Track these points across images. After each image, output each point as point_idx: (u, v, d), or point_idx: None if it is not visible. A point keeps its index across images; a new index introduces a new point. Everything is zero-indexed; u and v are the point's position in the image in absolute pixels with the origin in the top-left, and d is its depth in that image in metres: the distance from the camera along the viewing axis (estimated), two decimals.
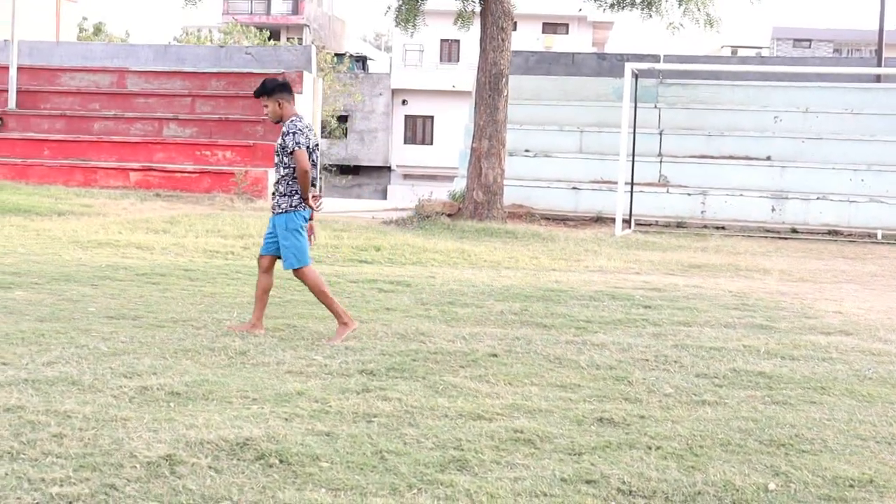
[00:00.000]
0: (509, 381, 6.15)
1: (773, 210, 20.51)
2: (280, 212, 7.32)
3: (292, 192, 7.29)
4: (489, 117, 18.55)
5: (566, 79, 24.12)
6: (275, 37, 49.76)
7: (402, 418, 5.18)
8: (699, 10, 19.53)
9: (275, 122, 7.46)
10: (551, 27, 50.11)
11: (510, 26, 18.77)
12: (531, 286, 10.56)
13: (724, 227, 20.07)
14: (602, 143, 21.98)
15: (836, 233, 19.78)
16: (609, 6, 20.55)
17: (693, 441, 4.97)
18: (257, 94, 7.41)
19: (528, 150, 22.17)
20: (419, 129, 49.46)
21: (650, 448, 4.84)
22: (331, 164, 44.58)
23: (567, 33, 50.18)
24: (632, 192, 19.61)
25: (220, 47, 27.45)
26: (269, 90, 7.35)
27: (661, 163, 21.57)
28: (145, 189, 21.34)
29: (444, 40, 48.44)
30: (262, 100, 7.40)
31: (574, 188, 21.26)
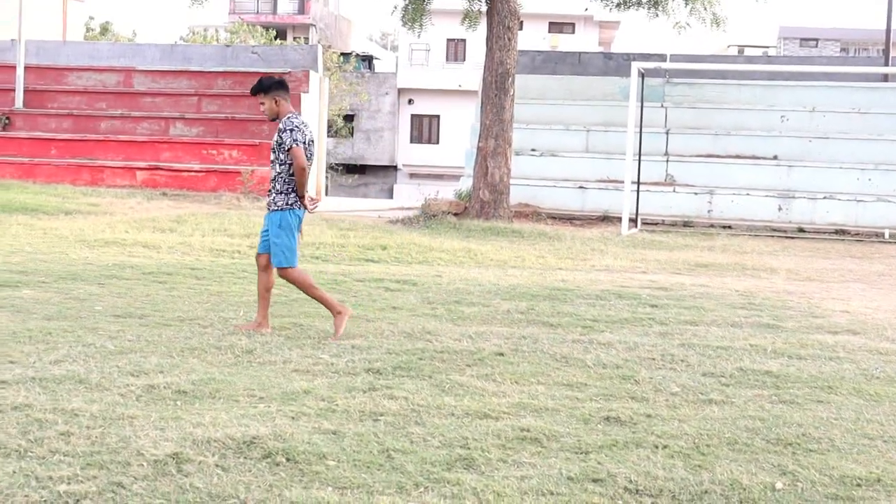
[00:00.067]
0: (516, 379, 6.15)
1: (780, 209, 20.48)
2: (275, 209, 7.33)
3: (289, 189, 7.30)
4: (495, 116, 18.54)
5: (572, 78, 24.10)
6: (281, 36, 49.76)
7: (408, 417, 5.18)
8: (706, 9, 19.50)
9: (271, 119, 7.48)
10: (557, 27, 50.04)
11: (516, 26, 18.76)
12: (537, 285, 10.56)
13: (730, 227, 20.04)
14: (608, 142, 21.96)
15: (843, 232, 19.73)
16: (615, 6, 20.51)
17: (700, 440, 4.97)
18: (254, 92, 7.43)
19: (534, 150, 22.16)
20: (425, 129, 49.44)
21: (657, 447, 4.83)
22: (337, 164, 44.59)
23: (573, 33, 50.10)
24: (638, 191, 19.60)
25: (227, 47, 27.46)
26: (265, 87, 7.37)
27: (667, 162, 21.55)
28: (152, 188, 21.38)
29: (450, 40, 48.43)
30: (259, 97, 7.42)
31: (580, 187, 21.24)
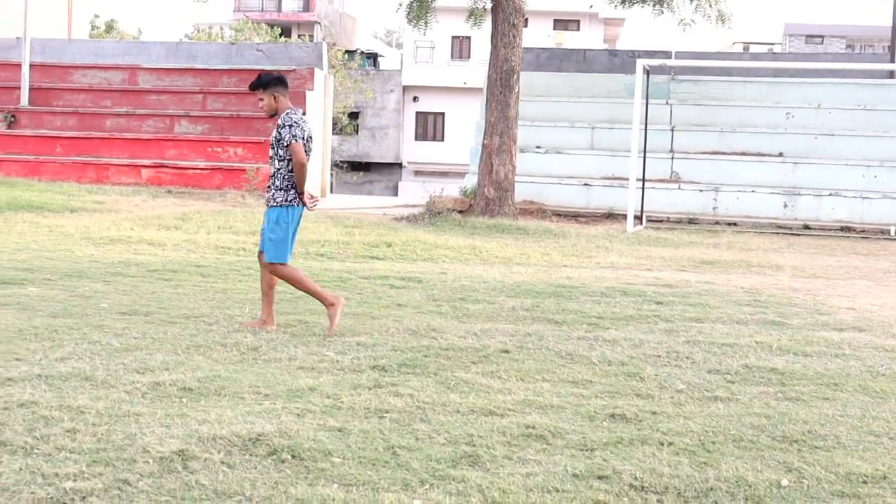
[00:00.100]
0: (521, 377, 6.15)
1: (786, 206, 20.45)
2: (274, 205, 7.34)
3: (288, 186, 7.31)
4: (500, 114, 18.53)
5: (577, 75, 24.06)
6: (286, 34, 49.73)
7: (413, 414, 5.18)
8: (711, 6, 19.49)
9: (270, 115, 7.49)
10: (562, 24, 49.97)
11: (521, 23, 18.74)
12: (542, 282, 10.55)
13: (735, 224, 20.02)
14: (613, 139, 21.94)
15: (848, 229, 19.70)
16: (620, 2, 20.49)
17: (705, 437, 4.96)
18: (252, 88, 7.44)
19: (539, 147, 22.14)
20: (430, 126, 49.41)
21: (662, 444, 4.83)
22: (342, 161, 44.60)
23: (578, 30, 50.04)
24: (643, 188, 19.58)
25: (232, 44, 27.48)
26: (264, 83, 7.38)
27: (672, 159, 21.52)
28: (157, 186, 21.40)
29: (455, 37, 48.37)
30: (258, 93, 7.43)
31: (585, 184, 21.23)
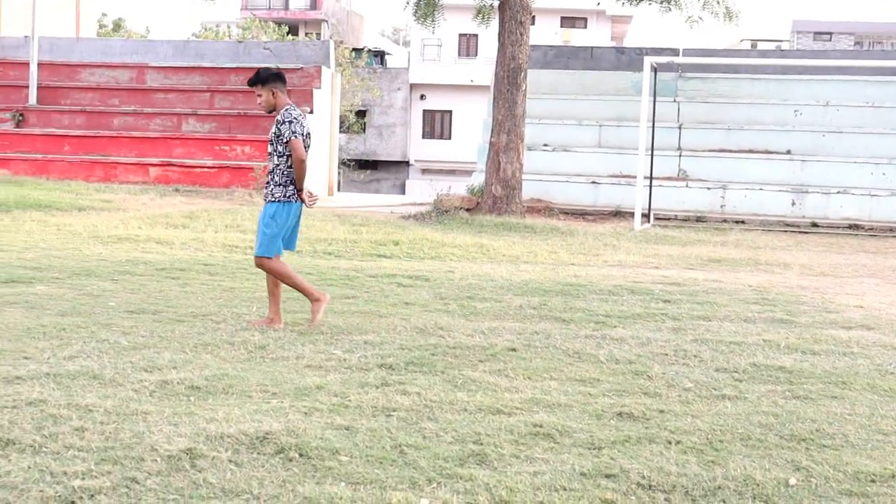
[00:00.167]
0: (528, 375, 6.15)
1: (794, 204, 20.40)
2: (272, 200, 7.36)
3: (287, 182, 7.33)
4: (507, 112, 18.51)
5: (585, 73, 24.04)
6: (293, 32, 49.77)
7: (421, 412, 5.18)
8: (718, 3, 19.45)
9: (268, 111, 7.48)
10: (570, 21, 49.92)
11: (528, 20, 18.72)
12: (550, 280, 10.54)
13: (743, 222, 19.97)
14: (621, 137, 21.91)
15: (856, 227, 19.64)
16: (628, 0, 20.45)
17: (713, 436, 4.95)
18: (251, 83, 7.43)
19: (546, 145, 22.13)
20: (437, 124, 49.41)
21: (670, 442, 4.82)
22: (349, 159, 44.64)
23: (585, 27, 49.99)
24: (651, 186, 19.54)
25: (239, 43, 27.48)
26: (262, 79, 7.37)
27: (680, 157, 21.49)
28: (164, 184, 21.42)
29: (462, 35, 48.38)
30: (257, 89, 7.41)
31: (593, 182, 21.21)
